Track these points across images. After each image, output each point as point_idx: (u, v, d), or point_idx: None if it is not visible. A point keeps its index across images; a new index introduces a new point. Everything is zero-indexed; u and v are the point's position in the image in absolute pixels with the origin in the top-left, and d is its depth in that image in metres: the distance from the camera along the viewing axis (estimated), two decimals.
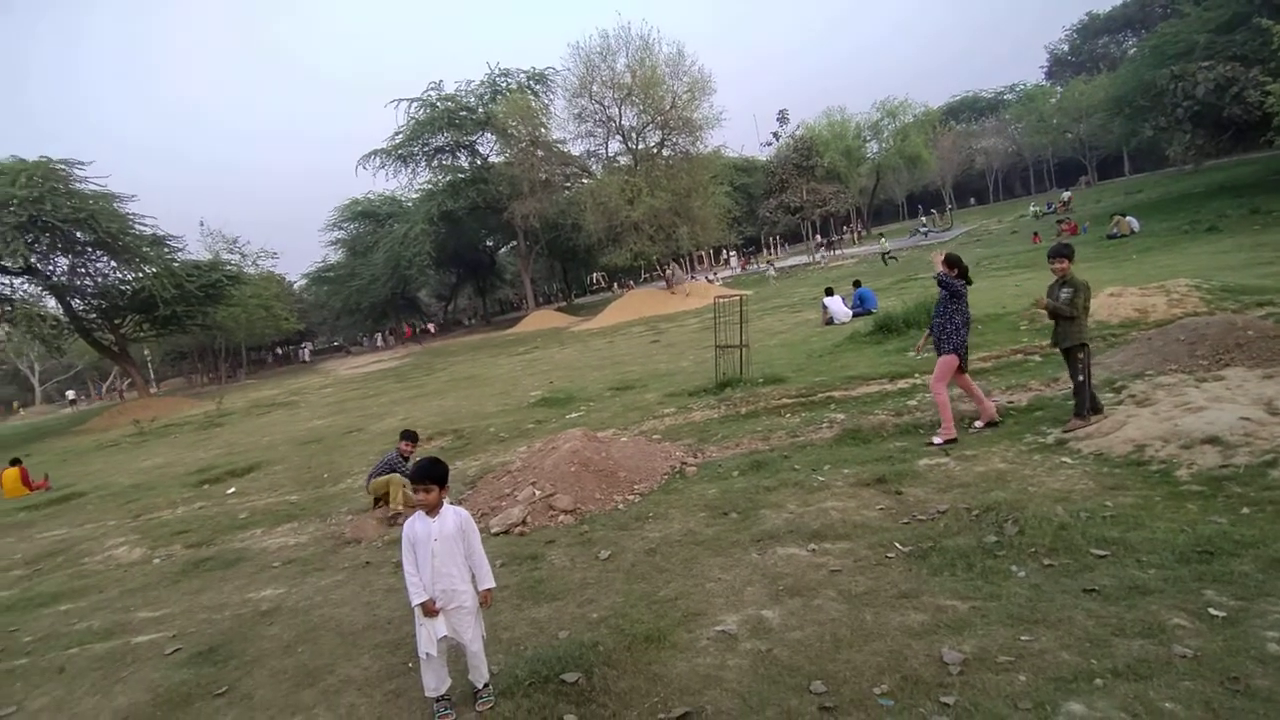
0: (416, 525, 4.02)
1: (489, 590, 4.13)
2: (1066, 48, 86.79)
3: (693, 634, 4.44)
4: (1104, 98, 50.86)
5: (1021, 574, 4.48)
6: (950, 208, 72.48)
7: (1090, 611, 3.94)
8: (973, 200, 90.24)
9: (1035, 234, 35.05)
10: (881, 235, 65.78)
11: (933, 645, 3.86)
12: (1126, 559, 4.43)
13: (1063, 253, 7.14)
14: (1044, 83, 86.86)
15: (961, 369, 7.62)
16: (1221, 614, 3.72)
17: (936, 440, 7.36)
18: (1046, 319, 12.24)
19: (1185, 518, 4.87)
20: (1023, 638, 3.79)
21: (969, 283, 7.72)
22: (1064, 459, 6.34)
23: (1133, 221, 28.38)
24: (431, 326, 73.36)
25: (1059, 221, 36.89)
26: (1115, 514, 5.02)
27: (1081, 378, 6.91)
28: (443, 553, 3.97)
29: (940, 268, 7.72)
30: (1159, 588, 4.05)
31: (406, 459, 8.60)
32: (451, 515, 4.06)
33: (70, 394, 73.27)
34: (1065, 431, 6.89)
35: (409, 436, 9.01)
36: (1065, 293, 6.95)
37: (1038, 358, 10.38)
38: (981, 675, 3.53)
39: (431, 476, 4.00)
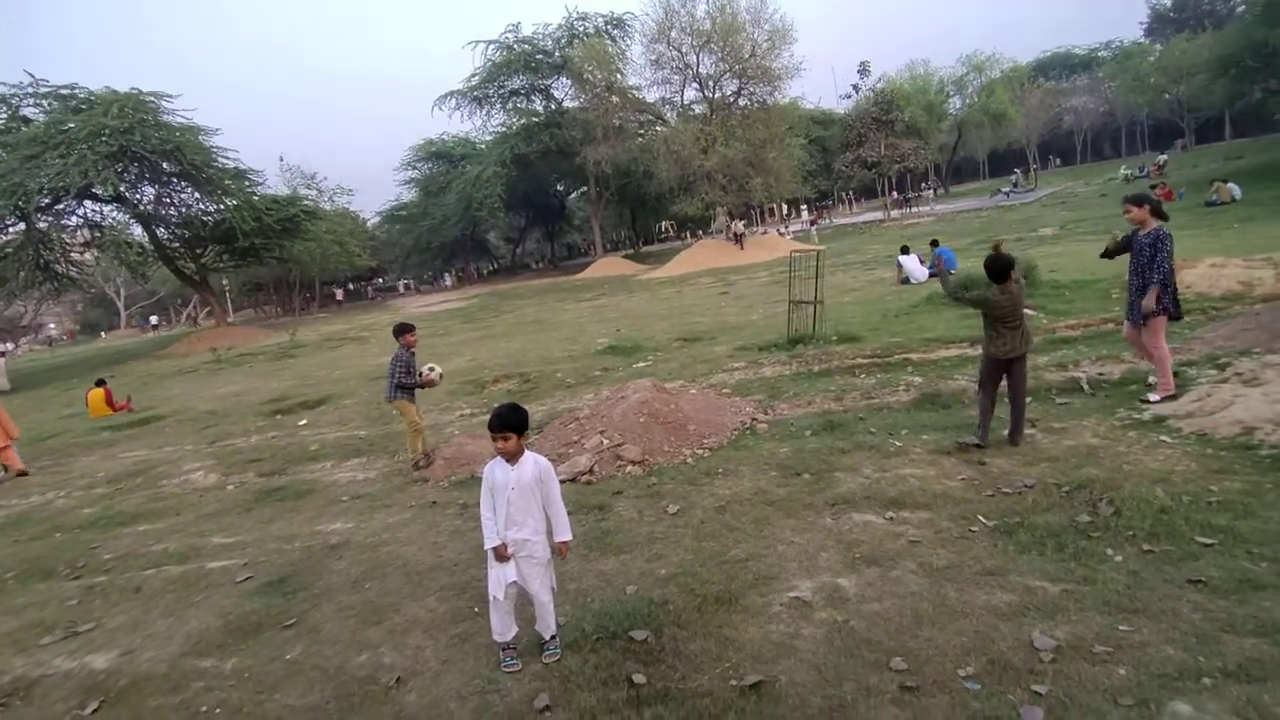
0: (496, 471, 3.97)
1: (565, 542, 4.05)
2: (1169, 3, 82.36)
3: (765, 598, 4.30)
4: (1208, 57, 48.52)
5: (1118, 558, 4.22)
6: (1035, 168, 69.73)
7: (1196, 604, 3.68)
8: (1058, 161, 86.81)
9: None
10: (741, 218, 61.58)
11: (1022, 628, 3.66)
12: (1236, 549, 4.13)
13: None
14: (1142, 40, 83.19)
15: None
16: None
17: (1154, 398, 6.82)
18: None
19: None
20: (1121, 628, 3.56)
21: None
22: (1162, 437, 5.98)
23: (1234, 188, 26.61)
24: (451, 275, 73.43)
25: (1153, 186, 34.80)
26: (1222, 500, 4.69)
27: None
28: (518, 501, 3.91)
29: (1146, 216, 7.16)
30: (1273, 583, 3.77)
31: (412, 351, 8.27)
32: (531, 464, 3.98)
33: (154, 319, 76.26)
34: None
35: (405, 329, 8.54)
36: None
37: None
38: (1077, 665, 3.33)
39: (510, 425, 3.90)
